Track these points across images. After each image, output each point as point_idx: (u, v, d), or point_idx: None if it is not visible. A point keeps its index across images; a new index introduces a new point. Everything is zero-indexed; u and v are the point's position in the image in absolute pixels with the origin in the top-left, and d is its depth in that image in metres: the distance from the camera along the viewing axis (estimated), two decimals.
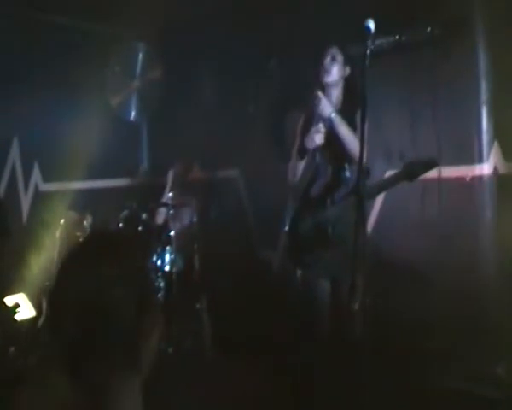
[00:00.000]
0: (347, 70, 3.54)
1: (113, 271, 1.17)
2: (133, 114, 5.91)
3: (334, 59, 3.49)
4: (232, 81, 5.64)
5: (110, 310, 1.15)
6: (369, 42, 2.55)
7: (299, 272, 3.67)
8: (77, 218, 5.05)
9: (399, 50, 4.32)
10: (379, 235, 4.16)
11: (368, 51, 2.53)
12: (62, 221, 5.08)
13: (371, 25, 2.59)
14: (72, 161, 5.48)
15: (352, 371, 2.42)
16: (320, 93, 3.42)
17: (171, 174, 5.43)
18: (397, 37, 4.36)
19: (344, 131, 3.36)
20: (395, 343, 3.61)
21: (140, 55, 5.95)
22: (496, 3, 3.90)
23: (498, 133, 3.99)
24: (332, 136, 3.40)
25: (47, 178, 6.06)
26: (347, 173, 3.44)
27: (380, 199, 4.31)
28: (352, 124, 3.41)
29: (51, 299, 1.22)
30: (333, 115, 3.36)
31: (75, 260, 1.23)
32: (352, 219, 3.09)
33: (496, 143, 3.99)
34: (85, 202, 5.23)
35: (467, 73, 4.10)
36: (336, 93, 3.56)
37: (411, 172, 3.21)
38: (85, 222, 4.90)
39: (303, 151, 3.53)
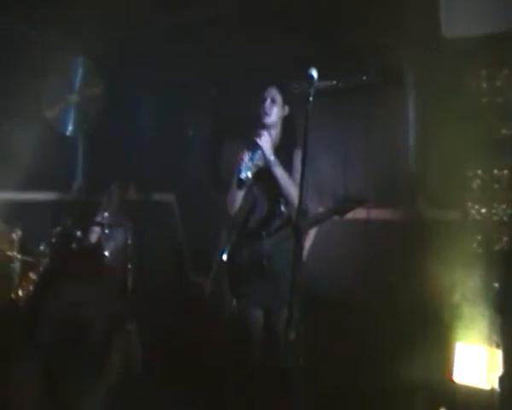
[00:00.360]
0: (286, 109, 3.65)
1: (89, 290, 1.26)
2: (70, 128, 5.83)
3: (273, 101, 3.58)
4: (173, 105, 5.72)
5: (85, 325, 1.23)
6: (312, 89, 2.68)
7: (234, 301, 3.76)
8: (5, 230, 4.87)
9: (336, 94, 4.58)
10: (310, 269, 4.34)
11: (310, 98, 2.66)
12: None
13: (314, 73, 2.72)
14: (2, 170, 5.33)
15: (286, 401, 2.55)
16: (264, 132, 3.49)
17: (106, 193, 5.42)
18: (334, 82, 4.62)
19: (280, 174, 3.48)
20: (326, 374, 3.80)
21: (80, 70, 5.88)
22: (428, 59, 4.24)
23: (423, 181, 4.34)
24: (268, 173, 3.52)
25: None
26: (282, 208, 3.59)
27: (312, 235, 4.52)
28: (288, 161, 3.56)
29: (30, 310, 1.29)
30: (272, 158, 3.46)
31: (54, 277, 1.31)
32: (286, 252, 3.30)
33: (421, 191, 4.34)
34: (15, 214, 5.06)
35: (397, 120, 4.43)
36: (275, 132, 3.68)
37: (342, 208, 3.41)
38: (14, 235, 4.71)
39: (241, 182, 3.61)
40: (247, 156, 3.40)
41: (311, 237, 4.55)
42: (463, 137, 3.98)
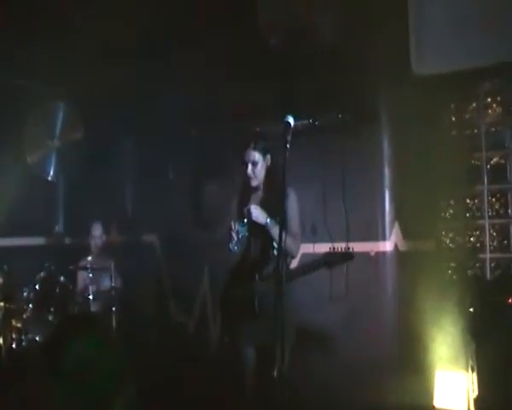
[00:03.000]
0: (268, 159, 3.69)
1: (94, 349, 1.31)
2: (51, 173, 5.87)
3: (254, 163, 3.63)
4: (153, 146, 5.79)
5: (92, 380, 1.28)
6: (289, 135, 2.76)
7: (225, 339, 3.79)
8: None
9: (314, 133, 4.69)
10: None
11: (288, 145, 2.74)
12: None
13: (291, 120, 2.81)
14: None
15: None
16: (252, 208, 3.56)
17: (89, 236, 5.44)
18: (311, 120, 4.74)
19: (277, 233, 3.56)
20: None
21: (60, 115, 5.95)
22: (401, 96, 4.33)
23: (399, 214, 4.45)
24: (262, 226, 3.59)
25: None
26: (275, 252, 3.64)
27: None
28: (273, 200, 3.62)
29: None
30: (268, 221, 3.54)
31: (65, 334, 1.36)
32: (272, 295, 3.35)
33: (397, 223, 4.46)
34: None
35: (373, 156, 4.53)
36: (261, 181, 3.75)
37: (331, 261, 3.56)
38: None
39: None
40: (235, 230, 3.50)
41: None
42: (435, 169, 4.12)
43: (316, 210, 4.69)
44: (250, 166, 3.65)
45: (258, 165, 3.66)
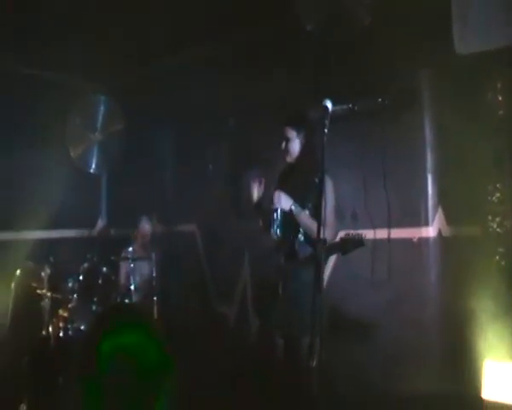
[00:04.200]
0: (302, 137, 3.69)
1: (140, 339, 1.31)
2: (93, 166, 5.97)
3: (288, 140, 3.67)
4: (192, 138, 5.82)
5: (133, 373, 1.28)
6: (327, 119, 2.74)
7: (256, 327, 3.80)
8: (34, 268, 4.96)
9: (353, 118, 4.59)
10: (332, 293, 4.33)
11: (326, 129, 2.72)
12: (18, 272, 5.02)
13: (328, 104, 2.78)
14: (30, 209, 5.47)
15: None
16: (278, 192, 3.60)
17: (131, 228, 5.51)
18: (350, 105, 4.65)
19: (303, 218, 3.56)
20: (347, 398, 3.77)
21: (102, 108, 6.03)
22: (442, 77, 4.25)
23: (442, 199, 4.31)
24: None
25: (3, 226, 5.99)
26: (301, 237, 3.62)
27: (333, 258, 4.53)
28: (310, 183, 3.60)
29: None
30: (293, 207, 3.55)
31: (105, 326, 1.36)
32: (306, 279, 3.34)
33: (440, 209, 4.31)
34: (44, 252, 5.17)
35: (414, 140, 4.41)
36: (295, 158, 3.75)
37: (344, 248, 3.51)
38: (43, 273, 4.78)
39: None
40: (274, 216, 3.55)
41: (330, 265, 4.56)
42: (481, 151, 3.96)
43: (356, 196, 4.61)
44: (284, 143, 3.69)
45: (292, 141, 3.68)
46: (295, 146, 3.69)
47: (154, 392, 1.32)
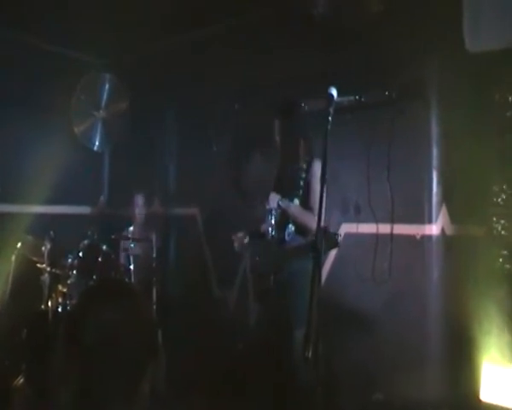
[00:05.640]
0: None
1: (128, 314, 1.30)
2: (97, 143, 5.96)
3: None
4: (196, 119, 5.79)
5: (123, 346, 1.27)
6: (331, 108, 2.66)
7: (254, 316, 3.82)
8: (34, 243, 4.95)
9: (359, 109, 4.58)
10: (331, 286, 4.36)
11: (330, 117, 2.63)
12: (19, 245, 5.01)
13: (334, 92, 2.71)
14: (32, 183, 5.46)
15: None
16: (270, 197, 3.67)
17: (131, 206, 5.51)
18: (357, 97, 4.63)
19: (295, 211, 3.59)
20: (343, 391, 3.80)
21: (106, 86, 6.01)
22: (451, 74, 4.20)
23: (446, 196, 4.31)
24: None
25: (3, 198, 5.97)
26: (292, 228, 3.64)
27: (333, 252, 4.54)
28: (300, 179, 3.62)
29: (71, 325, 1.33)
30: (280, 203, 3.61)
31: (96, 297, 1.35)
32: (302, 270, 3.37)
33: (444, 206, 4.32)
34: (45, 227, 5.17)
35: (420, 136, 4.38)
36: None
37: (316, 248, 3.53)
38: (43, 248, 4.78)
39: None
40: (268, 217, 3.61)
41: (332, 256, 4.57)
42: (487, 152, 3.96)
43: (360, 189, 4.60)
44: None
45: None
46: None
47: (138, 371, 1.32)
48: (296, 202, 3.59)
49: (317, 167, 3.58)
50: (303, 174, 3.58)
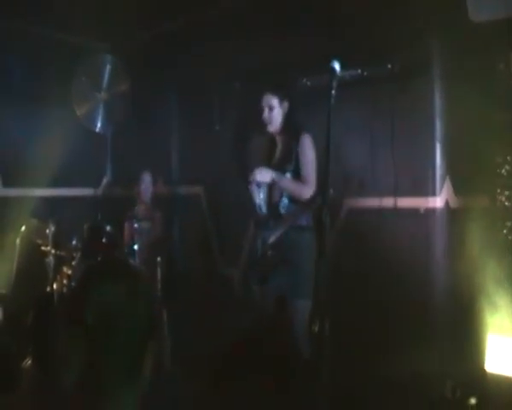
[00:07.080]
0: (286, 106, 3.72)
1: (131, 289, 1.31)
2: (99, 125, 5.94)
3: (271, 108, 3.67)
4: (198, 98, 5.77)
5: (126, 320, 1.28)
6: (334, 82, 2.64)
7: (256, 292, 3.84)
8: (39, 226, 4.97)
9: (361, 84, 4.52)
10: (337, 259, 4.35)
11: (333, 91, 2.62)
12: (23, 228, 5.04)
13: (336, 65, 2.68)
14: (35, 167, 5.46)
15: (310, 391, 2.57)
16: (259, 169, 3.66)
17: (136, 187, 5.50)
18: (359, 71, 4.58)
19: (286, 184, 3.64)
20: (352, 364, 3.81)
21: (108, 68, 5.98)
22: (454, 45, 4.16)
23: (450, 169, 4.28)
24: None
25: (7, 182, 5.99)
26: (286, 201, 3.68)
27: (340, 225, 4.52)
28: (291, 153, 3.63)
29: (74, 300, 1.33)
30: (274, 177, 3.61)
31: (99, 274, 1.36)
32: (304, 245, 3.37)
33: (448, 179, 4.28)
34: (48, 209, 5.18)
35: (423, 109, 4.35)
36: (278, 128, 3.78)
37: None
38: (47, 230, 4.80)
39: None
40: (257, 193, 3.67)
41: (338, 228, 4.56)
42: (491, 123, 3.91)
43: (363, 164, 4.58)
44: (266, 111, 3.67)
45: (274, 110, 3.67)
46: (277, 115, 3.69)
47: (140, 350, 1.33)
48: (288, 175, 3.61)
49: (307, 141, 3.62)
50: (294, 148, 3.60)
